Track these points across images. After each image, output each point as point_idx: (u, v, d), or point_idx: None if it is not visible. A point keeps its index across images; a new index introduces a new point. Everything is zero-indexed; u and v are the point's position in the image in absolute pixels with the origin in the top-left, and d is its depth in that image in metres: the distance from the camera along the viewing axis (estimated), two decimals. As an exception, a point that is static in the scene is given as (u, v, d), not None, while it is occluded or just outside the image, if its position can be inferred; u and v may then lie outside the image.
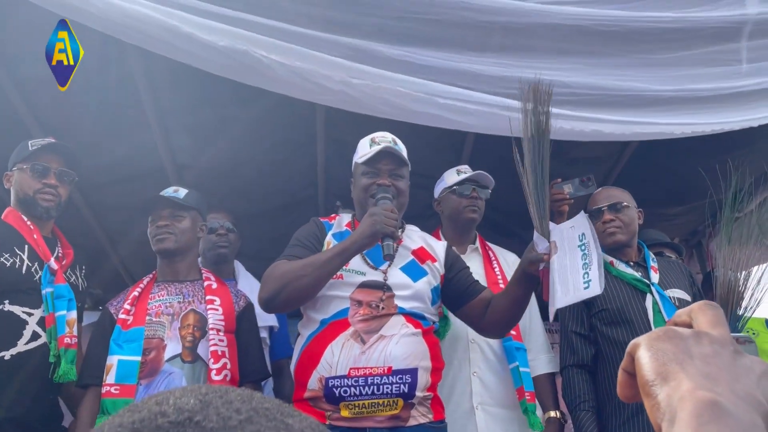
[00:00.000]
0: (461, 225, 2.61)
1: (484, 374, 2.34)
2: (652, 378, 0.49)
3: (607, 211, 2.54)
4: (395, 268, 2.03)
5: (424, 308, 2.02)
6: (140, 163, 2.95)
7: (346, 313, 1.94)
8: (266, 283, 1.97)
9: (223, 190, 3.12)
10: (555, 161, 3.04)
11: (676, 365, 0.48)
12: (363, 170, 2.10)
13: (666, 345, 0.50)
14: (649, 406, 0.48)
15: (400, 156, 2.10)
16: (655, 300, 2.39)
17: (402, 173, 2.11)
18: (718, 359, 0.49)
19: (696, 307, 0.56)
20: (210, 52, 2.07)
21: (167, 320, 2.20)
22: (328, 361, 1.88)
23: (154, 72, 2.58)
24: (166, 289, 2.29)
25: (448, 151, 3.07)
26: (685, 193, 3.32)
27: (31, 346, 2.16)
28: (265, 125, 2.84)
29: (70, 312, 2.23)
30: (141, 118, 2.73)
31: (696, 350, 0.50)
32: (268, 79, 2.16)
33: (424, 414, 1.93)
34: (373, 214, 1.91)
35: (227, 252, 2.84)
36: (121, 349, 2.13)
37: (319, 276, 1.91)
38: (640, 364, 0.51)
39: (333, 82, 2.15)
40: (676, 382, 0.47)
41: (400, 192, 2.08)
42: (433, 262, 2.12)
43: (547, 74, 2.26)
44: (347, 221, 2.19)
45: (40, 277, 2.24)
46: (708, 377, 0.47)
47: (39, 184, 2.32)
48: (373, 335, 1.89)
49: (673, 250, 3.27)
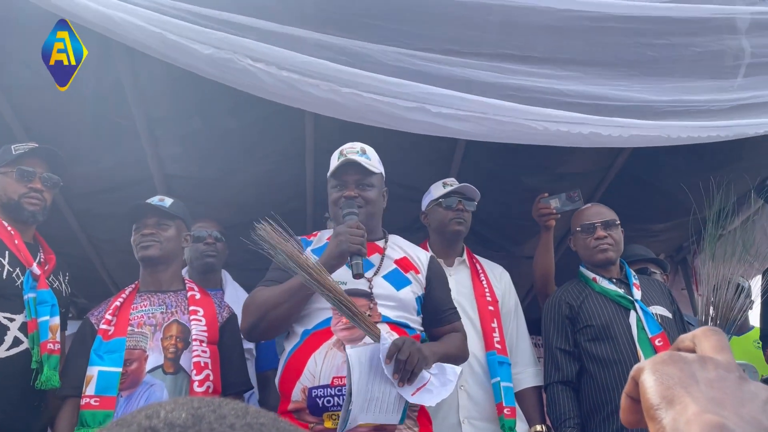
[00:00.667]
0: (448, 237, 2.62)
1: (471, 388, 2.33)
2: (657, 402, 0.48)
3: (601, 227, 2.55)
4: (378, 277, 2.04)
5: (408, 318, 2.02)
6: (128, 172, 2.94)
7: (329, 323, 1.94)
8: (246, 314, 1.97)
9: (212, 200, 3.11)
10: (542, 176, 3.10)
11: (682, 389, 0.48)
12: (332, 183, 2.13)
13: (671, 369, 0.50)
14: (654, 430, 0.48)
15: (366, 165, 2.10)
16: (639, 316, 2.40)
17: (369, 182, 2.11)
18: (724, 384, 0.49)
19: (699, 332, 0.56)
20: (196, 60, 2.07)
21: (149, 331, 2.18)
22: (311, 372, 1.87)
23: (143, 81, 2.57)
24: (149, 300, 2.27)
25: (437, 164, 3.08)
26: (671, 209, 3.35)
27: (13, 352, 2.13)
28: (254, 136, 2.84)
29: (53, 318, 2.21)
30: (130, 127, 2.72)
31: (701, 375, 0.49)
32: (255, 86, 2.16)
33: (410, 427, 1.91)
34: (338, 234, 1.92)
35: (214, 261, 2.83)
36: (102, 360, 2.10)
37: (297, 302, 1.93)
38: (645, 387, 0.50)
39: (321, 91, 2.13)
40: (681, 406, 0.46)
41: (368, 201, 2.08)
42: (417, 273, 2.12)
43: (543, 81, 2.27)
44: (328, 236, 2.18)
45: (22, 282, 2.21)
46: (714, 401, 0.46)
47: (24, 188, 2.31)
48: (357, 343, 1.89)
49: (657, 266, 3.29)
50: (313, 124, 2.80)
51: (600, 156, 3.09)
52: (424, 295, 2.11)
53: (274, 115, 2.73)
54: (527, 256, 2.99)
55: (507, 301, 2.63)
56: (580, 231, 2.58)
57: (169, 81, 2.57)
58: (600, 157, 3.10)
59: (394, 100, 2.17)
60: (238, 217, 3.19)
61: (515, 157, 3.01)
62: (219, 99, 2.63)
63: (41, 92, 2.53)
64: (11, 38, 2.36)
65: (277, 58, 2.10)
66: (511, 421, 2.28)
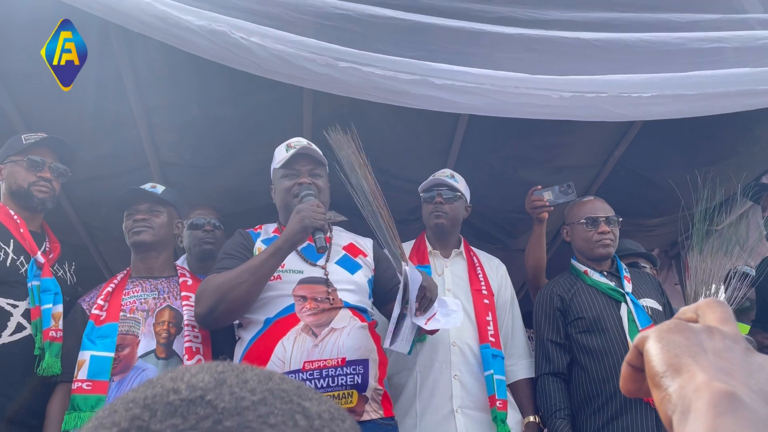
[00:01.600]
0: (433, 231, 2.64)
1: (465, 377, 2.35)
2: (663, 369, 0.48)
3: (604, 222, 2.57)
4: (331, 263, 2.09)
5: (365, 302, 2.09)
6: (124, 159, 2.93)
7: (293, 309, 1.97)
8: (202, 299, 1.96)
9: (208, 188, 3.11)
10: (540, 169, 3.11)
11: (689, 357, 0.47)
12: (282, 173, 2.18)
13: (677, 337, 0.50)
14: (658, 398, 0.48)
15: (317, 156, 2.18)
16: (630, 309, 2.42)
17: (320, 172, 2.19)
18: (731, 354, 0.48)
19: (704, 303, 0.55)
20: (187, 33, 2.02)
21: (142, 316, 2.19)
22: (280, 357, 1.90)
23: (140, 68, 2.57)
24: (141, 285, 2.29)
25: (434, 157, 3.09)
26: (666, 204, 3.37)
27: (16, 338, 2.15)
28: (251, 125, 2.83)
29: (56, 306, 2.22)
30: (126, 115, 2.71)
31: (709, 344, 0.49)
32: (249, 62, 2.10)
33: (376, 410, 1.97)
34: (300, 210, 1.95)
35: (213, 248, 2.83)
36: (94, 345, 2.12)
37: (257, 280, 1.92)
38: (650, 355, 0.50)
39: (317, 65, 2.08)
40: (689, 374, 0.46)
41: (321, 190, 2.15)
42: (365, 257, 2.20)
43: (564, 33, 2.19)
44: (273, 228, 2.25)
45: (26, 270, 2.23)
46: (722, 371, 0.46)
47: (34, 177, 2.34)
48: (324, 328, 1.93)
49: (647, 261, 3.31)
50: (311, 113, 2.80)
51: (597, 148, 3.10)
52: (374, 277, 2.20)
53: (272, 104, 2.73)
54: (523, 249, 3.00)
55: (503, 293, 2.64)
56: (585, 223, 2.58)
57: (166, 69, 2.56)
58: (597, 149, 3.11)
59: (396, 74, 2.11)
60: (235, 206, 3.19)
61: (512, 150, 3.02)
62: (216, 87, 2.63)
63: (38, 78, 2.52)
64: (7, 24, 2.35)
65: (272, 33, 2.07)
66: (503, 413, 2.30)
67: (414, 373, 2.36)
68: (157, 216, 2.33)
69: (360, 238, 2.30)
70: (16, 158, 2.35)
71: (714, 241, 2.63)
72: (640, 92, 2.22)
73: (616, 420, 2.26)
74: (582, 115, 2.33)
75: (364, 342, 1.97)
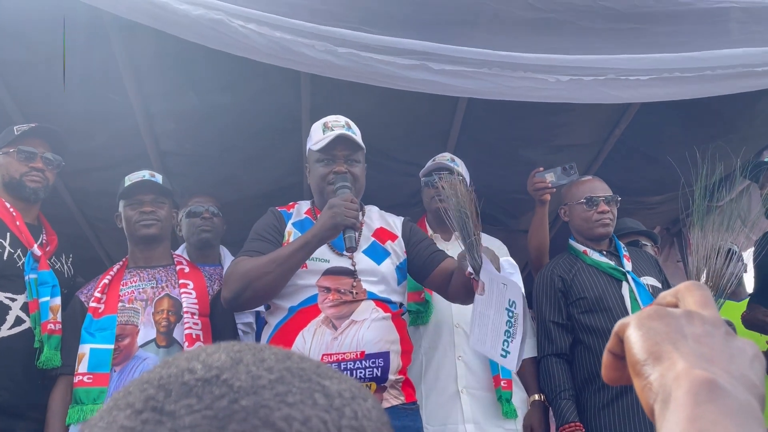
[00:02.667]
0: (434, 215, 2.61)
1: (469, 358, 2.35)
2: (644, 357, 0.47)
3: (604, 202, 2.56)
4: (359, 253, 2.05)
5: (390, 291, 2.04)
6: (123, 149, 2.92)
7: (315, 300, 1.95)
8: (229, 282, 1.95)
9: (208, 176, 3.09)
10: (540, 149, 3.09)
11: (669, 345, 0.47)
12: (318, 157, 2.09)
13: (657, 324, 0.49)
14: (639, 386, 0.47)
15: (355, 141, 2.08)
16: (631, 287, 2.42)
17: (357, 158, 2.10)
18: (712, 340, 0.47)
19: (683, 287, 0.54)
20: (184, 20, 2.00)
21: (141, 306, 2.19)
22: (300, 349, 1.89)
23: (136, 57, 2.54)
24: (138, 275, 2.28)
25: (435, 139, 3.07)
26: (667, 181, 3.36)
27: (15, 331, 2.15)
28: (249, 112, 2.81)
29: (54, 298, 2.22)
30: (124, 104, 2.70)
31: (689, 330, 0.48)
32: (247, 48, 2.09)
33: (396, 396, 1.96)
34: (333, 206, 1.90)
35: (211, 236, 2.82)
36: (93, 338, 2.12)
37: (283, 272, 1.91)
38: (631, 343, 0.49)
39: (316, 51, 2.06)
40: (669, 361, 0.45)
41: (356, 178, 2.08)
42: (393, 240, 2.14)
43: None
44: (306, 208, 2.19)
45: (23, 263, 2.22)
46: (703, 357, 0.45)
47: (25, 168, 2.32)
48: (345, 320, 1.92)
49: (648, 239, 3.30)
50: (309, 99, 2.78)
51: (597, 127, 3.09)
52: (406, 259, 2.14)
53: (270, 91, 2.71)
54: (524, 230, 3.00)
55: None
56: (584, 203, 2.57)
57: (163, 57, 2.54)
58: (597, 128, 3.09)
59: (394, 59, 2.09)
60: (234, 194, 3.19)
61: (512, 130, 3.00)
62: (214, 74, 2.61)
63: (34, 68, 2.50)
64: (2, 14, 2.33)
65: (270, 19, 2.04)
66: (508, 392, 2.31)
67: (419, 355, 2.36)
68: (161, 207, 2.32)
69: (390, 218, 2.24)
70: (8, 149, 2.32)
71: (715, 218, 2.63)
72: (638, 75, 2.21)
73: (620, 398, 2.27)
74: (580, 98, 2.32)
75: (385, 334, 1.94)
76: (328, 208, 1.91)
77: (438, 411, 2.28)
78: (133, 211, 2.29)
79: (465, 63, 2.13)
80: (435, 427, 2.25)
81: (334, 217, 1.88)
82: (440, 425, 2.26)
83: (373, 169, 2.62)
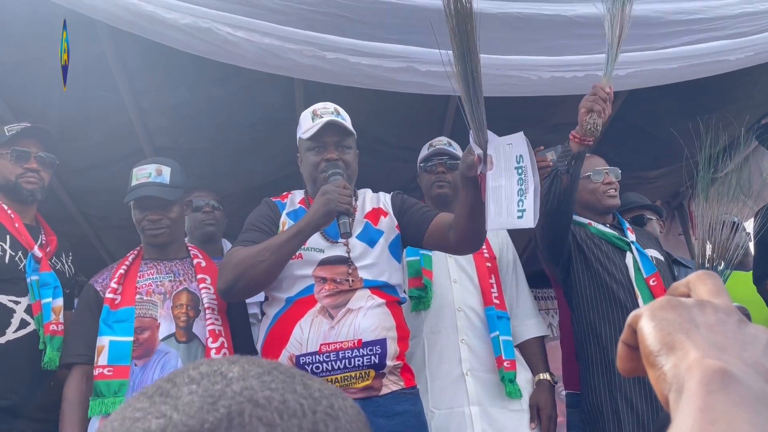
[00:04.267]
0: (435, 202, 2.60)
1: (472, 341, 2.36)
2: (657, 348, 0.47)
3: (609, 173, 2.57)
4: (353, 238, 2.04)
5: (386, 273, 2.03)
6: (118, 146, 2.91)
7: (312, 290, 1.95)
8: (223, 273, 1.94)
9: (205, 170, 3.08)
10: (537, 128, 3.07)
11: (682, 335, 0.47)
12: (308, 146, 2.07)
13: (670, 314, 0.49)
14: (654, 377, 0.47)
15: (345, 126, 2.07)
16: (635, 257, 2.43)
17: (348, 144, 2.08)
18: (724, 328, 0.47)
19: (694, 277, 0.54)
20: (173, 31, 2.01)
21: (159, 299, 2.15)
22: (298, 339, 1.90)
23: (126, 53, 2.53)
24: (155, 268, 2.23)
25: (430, 123, 3.06)
26: (666, 154, 3.35)
27: (20, 334, 2.14)
28: (243, 103, 2.80)
29: (56, 299, 2.21)
30: (116, 101, 2.68)
31: (701, 319, 0.48)
32: (237, 56, 2.11)
33: (396, 382, 1.97)
34: (325, 192, 1.89)
35: (214, 230, 2.82)
36: (112, 330, 2.07)
37: (277, 260, 1.90)
38: (644, 334, 0.49)
39: (304, 57, 2.09)
40: (682, 351, 0.45)
41: (348, 164, 2.06)
42: (385, 216, 2.14)
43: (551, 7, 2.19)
44: (300, 198, 2.17)
45: (25, 265, 2.21)
46: (716, 346, 0.45)
47: (20, 169, 2.29)
48: (341, 309, 1.92)
49: (653, 212, 3.30)
50: (303, 89, 2.76)
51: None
52: (401, 225, 2.12)
53: (263, 82, 2.69)
54: (524, 210, 2.98)
55: (505, 254, 2.64)
56: (590, 175, 2.57)
57: (152, 52, 2.51)
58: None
59: (381, 62, 2.13)
60: (233, 186, 3.18)
61: (508, 110, 2.98)
62: (205, 67, 2.58)
63: (25, 69, 2.49)
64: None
65: (258, 26, 2.06)
66: (511, 373, 2.31)
67: (421, 340, 2.36)
68: (170, 211, 2.23)
69: (382, 196, 2.22)
70: (1, 151, 2.29)
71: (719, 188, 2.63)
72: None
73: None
74: (563, 91, 2.37)
75: (382, 321, 1.94)
76: (321, 194, 1.90)
77: (444, 394, 2.28)
78: (141, 215, 2.22)
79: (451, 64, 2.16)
80: (442, 410, 2.26)
81: (327, 203, 1.86)
82: (447, 408, 2.27)
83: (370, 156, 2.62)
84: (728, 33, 2.38)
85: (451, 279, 2.43)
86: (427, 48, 2.16)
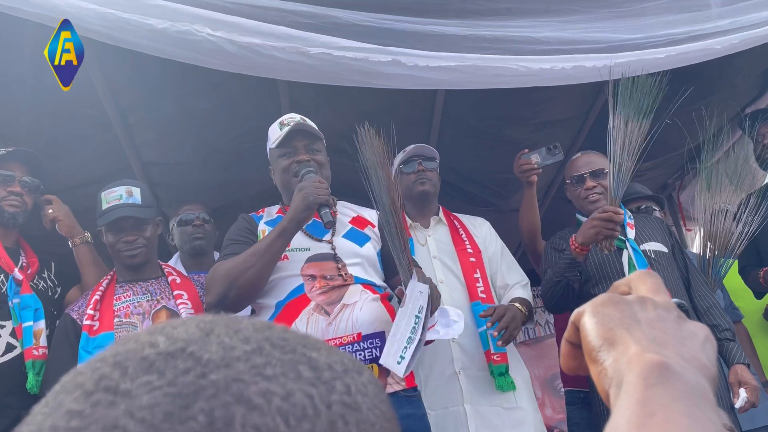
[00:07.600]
0: (417, 200, 2.62)
1: (463, 340, 2.35)
2: (599, 344, 0.48)
3: (590, 177, 2.57)
4: (338, 237, 2.05)
5: (373, 274, 2.05)
6: (105, 163, 2.89)
7: (302, 290, 1.94)
8: (212, 287, 1.92)
9: (194, 183, 3.07)
10: (523, 127, 3.08)
11: (623, 330, 0.48)
12: (279, 153, 2.11)
13: (611, 310, 0.50)
14: (595, 372, 0.48)
15: (312, 130, 2.10)
16: (630, 255, 2.43)
17: (318, 147, 2.12)
18: (664, 324, 0.49)
19: (634, 276, 0.57)
20: (151, 37, 1.98)
21: (138, 320, 2.13)
22: None
23: (109, 68, 2.51)
24: (131, 289, 2.20)
25: (417, 125, 3.06)
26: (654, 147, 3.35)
27: (7, 358, 2.12)
28: (228, 115, 2.79)
29: (37, 322, 2.17)
30: (101, 117, 2.66)
31: (642, 315, 0.49)
32: (218, 57, 2.08)
33: (398, 382, 1.96)
34: (302, 188, 1.90)
35: (203, 243, 2.80)
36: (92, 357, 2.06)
37: (265, 263, 1.89)
38: (586, 330, 0.50)
39: (287, 53, 2.06)
40: (623, 346, 0.46)
41: (321, 165, 2.09)
42: (373, 227, 2.16)
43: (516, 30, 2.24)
44: (277, 209, 2.19)
45: (6, 288, 2.19)
46: (655, 341, 0.46)
47: (3, 192, 2.28)
48: (336, 305, 1.91)
49: (655, 203, 3.31)
50: (288, 98, 2.76)
51: (579, 100, 3.08)
52: (381, 249, 2.15)
53: (248, 90, 2.68)
54: (514, 209, 2.99)
55: (489, 245, 2.64)
56: (570, 183, 2.59)
57: (136, 67, 2.50)
58: (579, 101, 3.09)
59: (367, 56, 2.11)
60: (223, 199, 3.16)
61: (495, 110, 2.99)
62: (189, 80, 2.58)
63: (7, 88, 2.46)
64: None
65: (238, 25, 2.03)
66: (501, 366, 2.29)
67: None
68: (144, 231, 2.22)
69: (365, 210, 2.25)
70: None
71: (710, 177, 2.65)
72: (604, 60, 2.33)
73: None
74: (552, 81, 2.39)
75: (379, 314, 1.94)
76: (298, 191, 1.91)
77: (438, 394, 2.28)
78: (114, 238, 2.19)
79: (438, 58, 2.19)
80: (437, 410, 2.25)
81: (305, 198, 1.87)
82: (442, 408, 2.26)
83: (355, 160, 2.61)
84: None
85: (438, 280, 2.42)
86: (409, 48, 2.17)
